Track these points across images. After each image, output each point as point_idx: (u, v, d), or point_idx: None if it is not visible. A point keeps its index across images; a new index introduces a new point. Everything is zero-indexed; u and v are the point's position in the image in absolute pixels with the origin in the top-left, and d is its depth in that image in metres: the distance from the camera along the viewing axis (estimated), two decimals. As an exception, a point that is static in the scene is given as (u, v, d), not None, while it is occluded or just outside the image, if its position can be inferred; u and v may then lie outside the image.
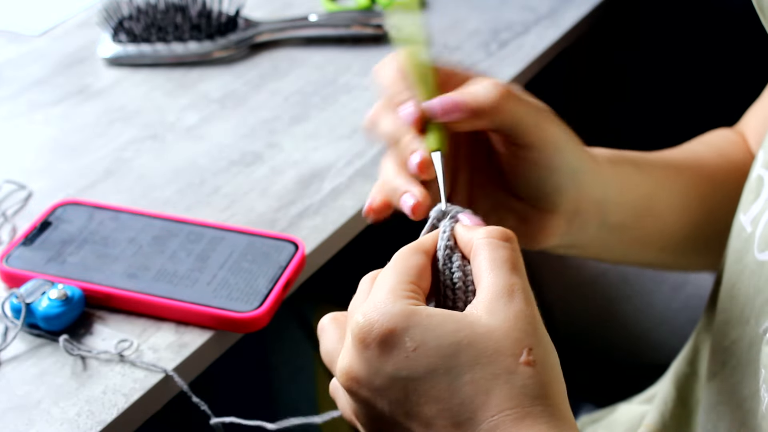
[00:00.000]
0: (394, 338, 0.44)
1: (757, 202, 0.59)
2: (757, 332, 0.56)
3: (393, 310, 0.44)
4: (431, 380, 0.43)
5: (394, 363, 0.44)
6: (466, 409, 0.43)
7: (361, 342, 0.44)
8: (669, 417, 0.68)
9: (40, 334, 0.64)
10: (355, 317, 0.45)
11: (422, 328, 0.44)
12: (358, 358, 0.45)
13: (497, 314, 0.44)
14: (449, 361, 0.43)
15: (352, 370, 0.45)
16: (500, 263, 0.46)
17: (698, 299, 0.89)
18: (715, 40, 1.22)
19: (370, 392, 0.45)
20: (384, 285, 0.46)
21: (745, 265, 0.59)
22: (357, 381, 0.45)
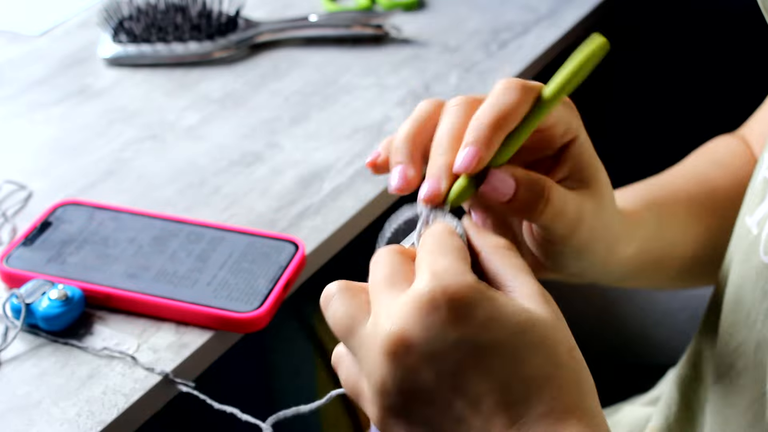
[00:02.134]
0: (467, 306, 0.42)
1: (763, 204, 0.59)
2: (763, 335, 0.56)
3: (467, 280, 0.42)
4: (496, 355, 0.42)
5: (463, 331, 0.42)
6: (523, 390, 0.42)
7: (430, 303, 0.42)
8: (674, 420, 0.67)
9: (40, 335, 0.64)
10: (424, 277, 0.42)
11: (492, 303, 0.42)
12: (418, 320, 0.42)
13: (545, 308, 0.44)
14: (516, 340, 0.42)
15: (407, 332, 0.42)
16: (525, 268, 0.46)
17: (698, 299, 0.89)
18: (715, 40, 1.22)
19: (421, 359, 0.42)
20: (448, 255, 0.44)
21: (750, 268, 0.58)
22: (409, 345, 0.42)
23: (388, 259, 0.46)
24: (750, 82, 0.86)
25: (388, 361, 0.42)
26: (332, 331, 0.46)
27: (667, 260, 0.67)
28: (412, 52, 1.00)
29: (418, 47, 1.01)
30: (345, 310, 0.46)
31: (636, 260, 0.63)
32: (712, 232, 0.70)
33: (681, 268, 0.69)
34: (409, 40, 1.02)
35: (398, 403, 0.43)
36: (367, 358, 0.44)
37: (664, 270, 0.68)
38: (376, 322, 0.44)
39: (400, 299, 0.43)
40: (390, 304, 0.43)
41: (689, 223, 0.68)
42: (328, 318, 0.46)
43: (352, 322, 0.45)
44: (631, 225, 0.61)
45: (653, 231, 0.64)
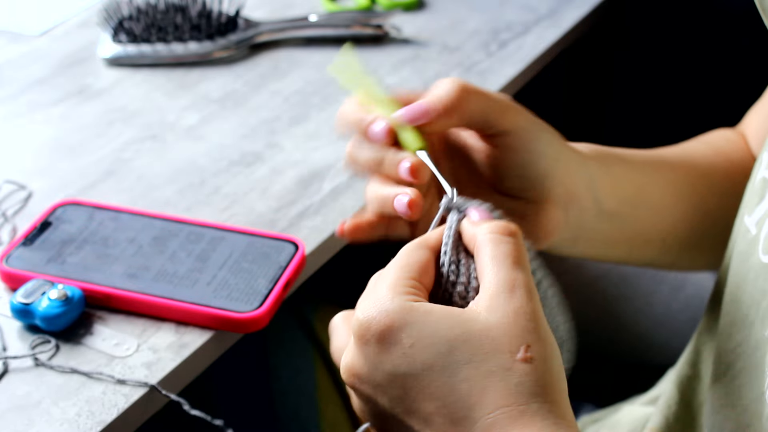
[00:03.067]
0: (391, 335, 0.44)
1: (762, 204, 0.59)
2: (762, 335, 0.56)
3: (391, 306, 0.45)
4: (428, 377, 0.44)
5: (392, 360, 0.44)
6: (462, 406, 0.43)
7: (361, 338, 0.45)
8: (673, 420, 0.68)
9: (40, 335, 0.64)
10: (356, 314, 0.46)
11: (419, 324, 0.44)
12: (358, 354, 0.45)
13: (497, 310, 0.44)
14: (445, 359, 0.43)
15: (354, 367, 0.46)
16: (502, 258, 0.46)
17: (698, 300, 0.89)
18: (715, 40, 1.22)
19: (371, 388, 0.45)
20: (385, 281, 0.47)
21: (749, 268, 0.59)
22: (358, 377, 0.46)
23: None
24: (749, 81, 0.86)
25: (352, 390, 0.47)
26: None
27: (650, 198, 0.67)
28: (412, 52, 1.00)
29: (418, 47, 1.01)
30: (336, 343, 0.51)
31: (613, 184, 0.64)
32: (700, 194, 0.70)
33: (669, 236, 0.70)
34: (409, 40, 1.02)
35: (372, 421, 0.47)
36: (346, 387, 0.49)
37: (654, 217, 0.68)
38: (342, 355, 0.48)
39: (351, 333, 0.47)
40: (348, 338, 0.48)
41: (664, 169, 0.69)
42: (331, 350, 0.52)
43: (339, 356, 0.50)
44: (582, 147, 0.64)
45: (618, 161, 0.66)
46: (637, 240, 0.69)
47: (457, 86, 0.56)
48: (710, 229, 0.70)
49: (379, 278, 0.48)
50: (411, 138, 0.55)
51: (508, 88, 0.95)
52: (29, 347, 0.64)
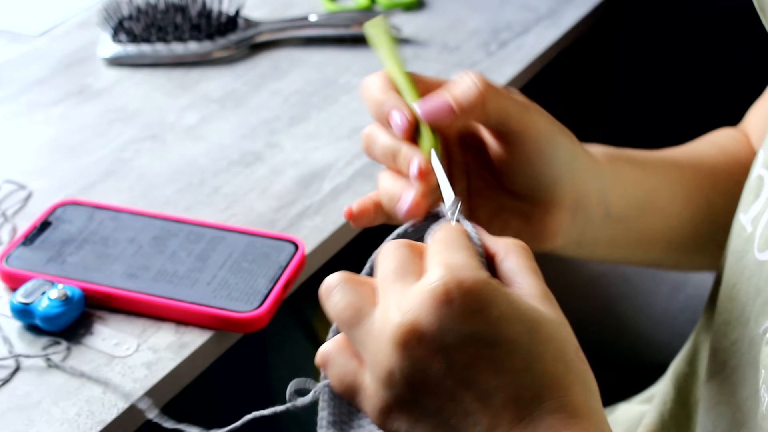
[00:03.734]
0: (482, 301, 0.42)
1: (758, 202, 0.59)
2: (757, 332, 0.56)
3: (481, 276, 0.43)
4: (509, 350, 0.42)
5: (475, 325, 0.42)
6: (534, 387, 0.42)
7: (444, 295, 0.42)
8: (668, 417, 0.68)
9: (40, 335, 0.64)
10: (437, 270, 0.43)
11: (506, 300, 0.43)
12: (432, 311, 0.42)
13: (552, 309, 0.44)
14: (529, 337, 0.42)
15: (420, 323, 0.42)
16: (534, 269, 0.46)
17: (698, 300, 0.89)
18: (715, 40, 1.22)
19: (434, 350, 0.42)
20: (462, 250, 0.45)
21: (745, 265, 0.59)
22: (422, 336, 0.42)
23: (397, 252, 0.46)
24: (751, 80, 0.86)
25: (399, 351, 0.42)
26: (335, 321, 0.46)
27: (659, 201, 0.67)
28: (412, 52, 1.00)
29: (418, 47, 1.01)
30: (349, 300, 0.45)
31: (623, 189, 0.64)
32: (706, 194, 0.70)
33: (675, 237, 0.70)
34: (409, 40, 1.02)
35: (405, 394, 0.43)
36: (374, 349, 0.43)
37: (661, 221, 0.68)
38: (385, 313, 0.43)
39: (412, 290, 0.43)
40: (401, 295, 0.43)
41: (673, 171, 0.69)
42: (330, 308, 0.46)
43: (358, 312, 0.45)
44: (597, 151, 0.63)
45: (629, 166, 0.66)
46: (643, 242, 0.69)
47: (480, 84, 0.55)
48: (715, 230, 0.70)
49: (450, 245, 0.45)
50: (425, 134, 0.55)
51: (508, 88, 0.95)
52: (41, 348, 0.63)
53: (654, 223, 0.68)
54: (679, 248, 0.71)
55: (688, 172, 0.70)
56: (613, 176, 0.64)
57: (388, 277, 0.45)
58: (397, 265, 0.45)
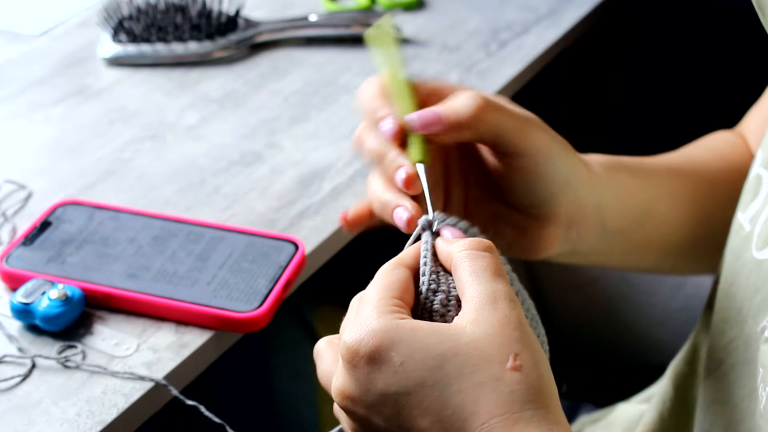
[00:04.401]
0: (381, 355, 0.44)
1: (756, 201, 0.59)
2: (754, 331, 0.56)
3: (377, 326, 0.45)
4: (420, 393, 0.44)
5: (383, 379, 0.44)
6: (457, 419, 0.43)
7: (350, 362, 0.45)
8: (667, 416, 0.68)
9: (40, 335, 0.64)
10: (343, 338, 0.46)
11: (407, 342, 0.44)
12: (349, 377, 0.45)
13: (482, 323, 0.45)
14: (436, 373, 0.44)
15: (345, 390, 0.46)
16: (480, 272, 0.47)
17: (698, 299, 0.89)
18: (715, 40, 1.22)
19: (365, 410, 0.45)
20: (368, 302, 0.47)
21: (743, 264, 0.59)
22: (351, 399, 0.46)
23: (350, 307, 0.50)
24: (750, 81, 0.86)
25: (346, 414, 0.47)
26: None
27: (655, 214, 0.67)
28: (412, 52, 1.00)
29: (418, 47, 1.01)
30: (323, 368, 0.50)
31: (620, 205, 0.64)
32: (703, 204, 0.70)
33: (676, 238, 0.69)
34: (409, 40, 1.02)
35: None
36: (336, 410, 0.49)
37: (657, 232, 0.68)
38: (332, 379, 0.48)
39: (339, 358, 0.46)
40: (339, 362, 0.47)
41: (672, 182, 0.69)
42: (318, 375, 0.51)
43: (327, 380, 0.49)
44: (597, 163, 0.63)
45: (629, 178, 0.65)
46: (638, 251, 0.69)
47: (477, 102, 0.55)
48: (712, 238, 0.70)
49: (362, 300, 0.48)
50: (415, 147, 0.55)
51: (508, 88, 0.95)
52: (56, 352, 0.63)
53: (650, 233, 0.68)
54: (676, 255, 0.71)
55: (687, 181, 0.70)
56: (611, 189, 0.63)
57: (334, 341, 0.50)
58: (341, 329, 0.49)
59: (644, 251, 0.69)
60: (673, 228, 0.69)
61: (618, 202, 0.64)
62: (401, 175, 0.54)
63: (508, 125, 0.56)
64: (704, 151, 0.74)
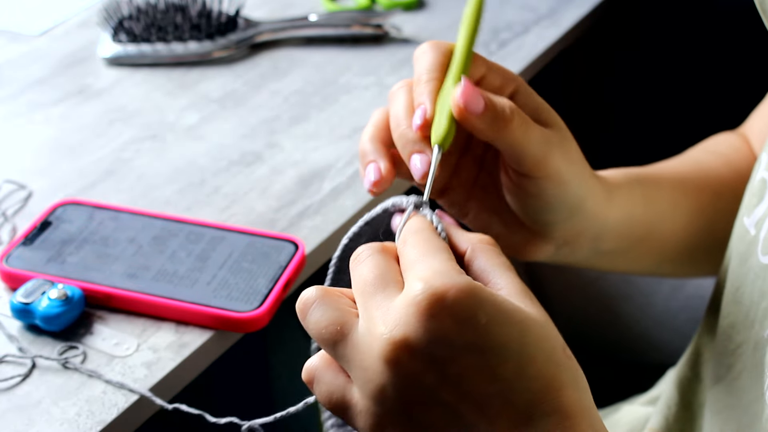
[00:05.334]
0: (468, 309, 0.41)
1: (761, 205, 0.59)
2: (761, 336, 0.56)
3: (463, 282, 0.41)
4: (502, 356, 0.41)
5: (466, 334, 0.41)
6: (529, 390, 0.41)
7: (430, 309, 0.41)
8: (673, 421, 0.67)
9: (40, 334, 0.64)
10: (417, 284, 0.41)
11: (492, 304, 0.42)
12: (420, 326, 0.41)
13: (533, 307, 0.44)
14: (519, 341, 0.42)
15: (408, 338, 0.41)
16: (507, 267, 0.46)
17: (698, 299, 0.89)
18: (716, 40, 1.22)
19: (425, 364, 0.41)
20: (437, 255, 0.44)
21: (749, 269, 0.58)
22: (412, 351, 0.41)
23: (372, 260, 0.45)
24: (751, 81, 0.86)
25: (389, 367, 0.41)
26: (317, 340, 0.45)
27: (657, 234, 0.67)
28: (412, 51, 1.00)
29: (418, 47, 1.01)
30: (331, 316, 0.44)
31: (622, 229, 0.63)
32: (707, 215, 0.69)
33: (675, 249, 0.69)
34: (409, 39, 1.02)
35: (398, 409, 0.42)
36: (363, 366, 0.43)
37: (656, 247, 0.68)
38: (370, 328, 0.42)
39: (396, 304, 0.42)
40: (384, 309, 0.42)
41: (679, 199, 0.68)
42: (310, 326, 0.45)
43: (341, 329, 0.44)
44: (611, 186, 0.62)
45: (639, 199, 0.64)
46: (631, 264, 0.68)
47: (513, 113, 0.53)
48: (711, 243, 0.70)
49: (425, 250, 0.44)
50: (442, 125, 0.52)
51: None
52: (57, 353, 0.63)
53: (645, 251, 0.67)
54: (674, 263, 0.71)
55: (693, 193, 0.68)
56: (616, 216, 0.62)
57: (367, 289, 0.44)
58: (376, 275, 0.44)
59: (639, 263, 0.69)
60: (674, 242, 0.68)
61: (621, 228, 0.63)
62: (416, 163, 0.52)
63: (534, 145, 0.54)
64: (712, 157, 0.73)
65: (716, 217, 0.70)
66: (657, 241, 0.67)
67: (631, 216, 0.64)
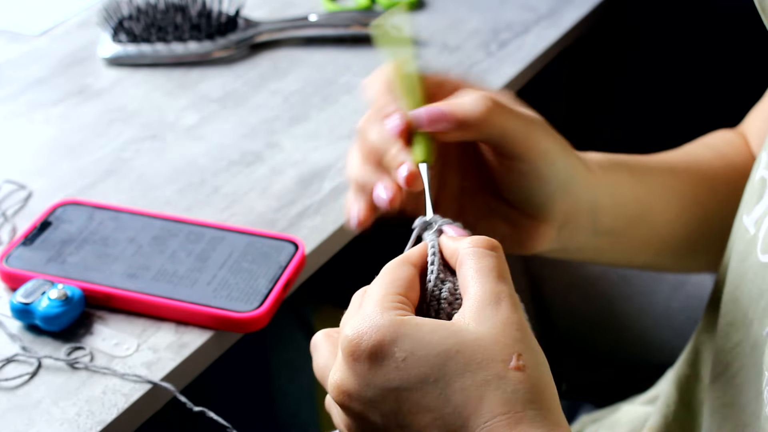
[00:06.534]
0: (383, 349, 0.44)
1: (761, 204, 0.59)
2: (760, 334, 0.56)
3: (381, 321, 0.44)
4: (422, 389, 0.43)
5: (385, 374, 0.44)
6: (458, 417, 0.43)
7: (351, 355, 0.44)
8: (672, 419, 0.68)
9: (40, 334, 0.64)
10: (344, 331, 0.45)
11: (411, 337, 0.44)
12: (348, 371, 0.45)
13: (485, 322, 0.44)
14: (439, 370, 0.43)
15: (344, 384, 0.45)
16: (486, 272, 0.46)
17: (698, 299, 0.89)
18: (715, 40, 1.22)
19: (363, 405, 0.45)
20: (372, 297, 0.46)
21: (748, 267, 0.59)
22: (349, 395, 0.45)
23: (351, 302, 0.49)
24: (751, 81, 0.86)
25: (341, 408, 0.46)
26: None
27: (651, 216, 0.67)
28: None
29: (418, 47, 1.01)
30: (319, 361, 0.50)
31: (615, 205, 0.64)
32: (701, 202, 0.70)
33: (671, 236, 0.69)
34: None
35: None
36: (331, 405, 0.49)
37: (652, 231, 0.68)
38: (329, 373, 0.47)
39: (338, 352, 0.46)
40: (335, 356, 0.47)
41: (669, 181, 0.69)
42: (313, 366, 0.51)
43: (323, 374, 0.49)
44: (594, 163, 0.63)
45: (626, 176, 0.65)
46: (632, 249, 0.69)
47: (485, 103, 0.55)
48: (709, 235, 0.70)
49: (366, 295, 0.47)
50: (420, 146, 0.55)
51: (508, 88, 0.95)
52: (64, 354, 0.63)
53: (644, 233, 0.68)
54: (672, 253, 0.71)
55: (683, 180, 0.70)
56: (607, 190, 0.63)
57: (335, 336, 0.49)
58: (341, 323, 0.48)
59: (639, 249, 0.69)
60: (670, 227, 0.69)
61: (614, 204, 0.64)
62: (403, 172, 0.54)
63: (514, 129, 0.56)
64: (704, 149, 0.74)
65: (713, 205, 0.70)
66: (652, 223, 0.68)
67: (623, 194, 0.65)
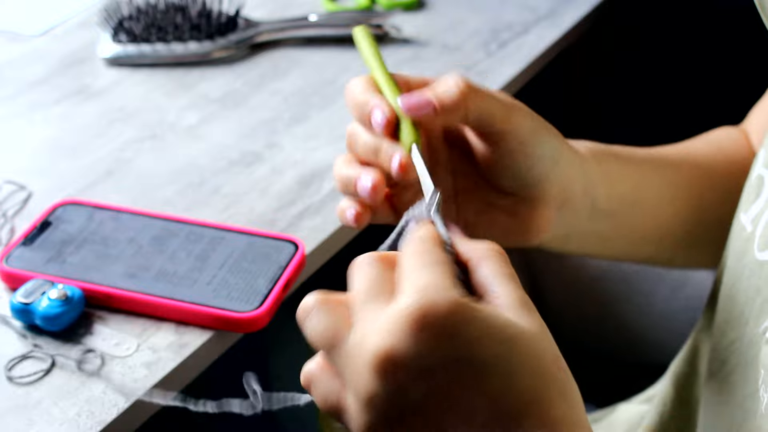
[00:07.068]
0: (457, 324, 0.41)
1: (758, 202, 0.59)
2: (756, 332, 0.56)
3: (454, 297, 0.42)
4: (489, 371, 0.41)
5: (454, 347, 0.41)
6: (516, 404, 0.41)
7: (418, 322, 0.41)
8: (668, 418, 0.68)
9: (40, 335, 0.64)
10: (410, 293, 0.42)
11: (482, 318, 0.42)
12: (408, 337, 0.41)
13: (528, 319, 0.44)
14: (509, 355, 0.42)
15: (396, 349, 0.41)
16: (510, 277, 0.45)
17: (698, 300, 0.89)
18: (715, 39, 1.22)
19: (412, 375, 0.41)
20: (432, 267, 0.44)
21: (744, 265, 0.59)
22: (399, 362, 0.41)
23: (367, 269, 0.46)
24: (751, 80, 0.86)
25: (377, 376, 0.42)
26: (313, 344, 0.45)
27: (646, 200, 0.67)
28: (412, 52, 1.00)
29: (418, 47, 1.01)
30: (327, 323, 0.45)
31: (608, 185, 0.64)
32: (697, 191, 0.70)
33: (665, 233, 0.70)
34: (409, 40, 1.02)
35: (387, 415, 0.42)
36: (354, 373, 0.43)
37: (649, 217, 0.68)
38: (362, 336, 0.43)
39: (387, 313, 0.42)
40: (375, 318, 0.43)
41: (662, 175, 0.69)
42: (308, 331, 0.45)
43: (335, 335, 0.44)
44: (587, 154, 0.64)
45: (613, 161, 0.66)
46: (633, 237, 0.69)
47: (462, 84, 0.56)
48: (709, 228, 0.70)
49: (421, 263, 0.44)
50: (406, 130, 0.56)
51: (508, 88, 0.95)
52: (29, 347, 0.63)
53: (642, 219, 0.68)
54: (672, 244, 0.72)
55: (679, 169, 0.70)
56: (600, 171, 0.64)
57: (360, 297, 0.44)
58: (369, 285, 0.45)
59: (639, 239, 0.69)
60: (665, 215, 0.69)
61: (607, 184, 0.64)
62: (395, 163, 0.54)
63: (494, 108, 0.57)
64: (703, 143, 0.74)
65: (711, 198, 0.70)
66: (648, 208, 0.68)
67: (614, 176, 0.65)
